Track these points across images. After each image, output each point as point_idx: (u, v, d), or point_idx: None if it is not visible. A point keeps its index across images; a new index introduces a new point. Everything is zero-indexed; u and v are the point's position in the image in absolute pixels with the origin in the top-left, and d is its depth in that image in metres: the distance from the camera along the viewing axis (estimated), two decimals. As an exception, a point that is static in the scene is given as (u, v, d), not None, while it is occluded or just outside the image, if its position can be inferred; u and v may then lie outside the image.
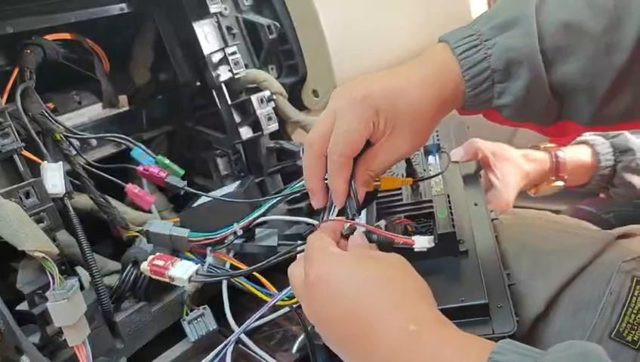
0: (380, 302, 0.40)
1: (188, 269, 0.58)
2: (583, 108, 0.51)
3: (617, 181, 0.88)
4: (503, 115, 0.52)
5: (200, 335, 0.66)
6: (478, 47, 0.50)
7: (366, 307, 0.40)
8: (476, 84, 0.50)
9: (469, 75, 0.50)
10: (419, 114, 0.49)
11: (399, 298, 0.41)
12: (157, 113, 0.91)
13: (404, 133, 0.50)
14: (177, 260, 0.59)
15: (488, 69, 0.50)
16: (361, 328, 0.40)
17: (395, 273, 0.43)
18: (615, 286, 0.56)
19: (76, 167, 0.66)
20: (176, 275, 0.57)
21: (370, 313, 0.40)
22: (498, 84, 0.50)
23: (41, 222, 0.57)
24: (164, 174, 0.68)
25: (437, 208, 0.60)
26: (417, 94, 0.49)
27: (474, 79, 0.50)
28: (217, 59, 0.83)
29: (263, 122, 0.84)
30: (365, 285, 0.41)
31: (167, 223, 0.66)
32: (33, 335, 0.54)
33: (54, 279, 0.52)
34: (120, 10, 0.79)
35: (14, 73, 0.67)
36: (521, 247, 0.62)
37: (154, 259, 0.59)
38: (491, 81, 0.50)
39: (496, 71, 0.50)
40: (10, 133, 0.58)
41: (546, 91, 0.50)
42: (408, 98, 0.49)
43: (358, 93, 0.49)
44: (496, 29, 0.50)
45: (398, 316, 0.39)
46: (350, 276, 0.42)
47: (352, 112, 0.49)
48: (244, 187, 0.74)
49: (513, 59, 0.49)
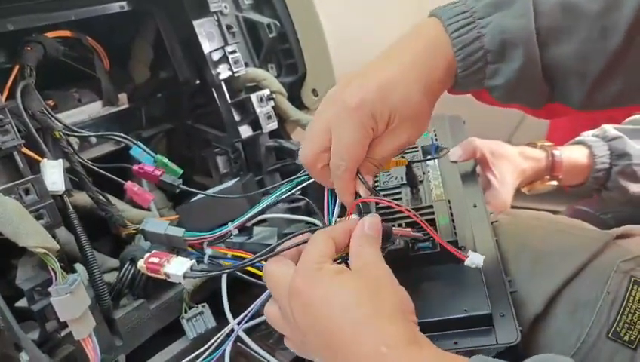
0: (353, 322, 0.40)
1: (183, 265, 0.58)
2: (574, 91, 0.49)
3: (611, 184, 0.88)
4: (492, 95, 0.51)
5: (199, 332, 0.66)
6: (472, 26, 0.48)
7: (339, 327, 0.41)
8: (468, 65, 0.49)
9: (461, 55, 0.48)
10: (415, 105, 0.49)
11: (373, 317, 0.41)
12: (157, 111, 0.91)
13: (404, 124, 0.49)
14: (173, 257, 0.59)
15: (481, 49, 0.48)
16: (336, 347, 0.41)
17: (373, 289, 0.42)
18: (613, 286, 0.56)
19: (75, 165, 0.66)
20: (171, 272, 0.57)
21: (342, 333, 0.40)
22: (491, 64, 0.49)
23: (41, 219, 0.57)
24: (159, 172, 0.68)
25: (438, 214, 0.59)
26: (410, 86, 0.48)
27: (466, 59, 0.48)
28: (217, 58, 0.83)
29: (263, 121, 0.84)
30: (340, 303, 0.42)
31: (163, 222, 0.66)
32: (32, 332, 0.54)
33: (56, 274, 0.52)
34: (120, 8, 0.79)
35: (15, 70, 0.67)
36: (520, 248, 0.63)
37: (150, 256, 0.59)
38: (484, 61, 0.48)
39: (489, 51, 0.48)
40: (10, 130, 0.58)
41: (538, 74, 0.48)
42: (402, 93, 0.48)
43: (352, 101, 0.48)
44: (491, 7, 0.48)
45: (370, 337, 0.40)
46: (327, 291, 0.42)
47: (349, 123, 0.48)
48: (241, 182, 0.74)
49: (508, 41, 0.47)
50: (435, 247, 0.55)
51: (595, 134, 0.91)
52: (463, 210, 0.62)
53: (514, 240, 0.63)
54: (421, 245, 0.56)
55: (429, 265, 0.55)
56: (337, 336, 0.41)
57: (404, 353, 0.39)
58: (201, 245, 0.64)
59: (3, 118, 0.58)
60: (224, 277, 0.66)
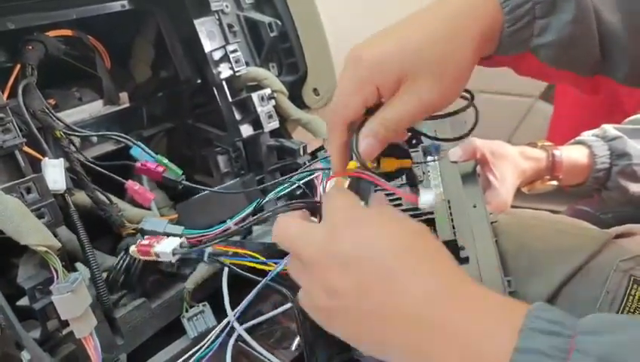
0: (409, 258, 0.38)
1: (172, 243, 0.59)
2: (622, 63, 0.46)
3: (611, 184, 0.88)
4: (540, 57, 0.47)
5: (199, 332, 0.66)
6: None
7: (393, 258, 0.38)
8: (516, 18, 0.45)
9: (509, 7, 0.44)
10: (450, 58, 0.44)
11: (427, 255, 0.39)
12: (157, 110, 0.91)
13: (428, 80, 0.44)
14: (163, 238, 0.59)
15: (530, 1, 0.44)
16: (384, 278, 0.37)
17: (419, 236, 0.40)
18: (612, 285, 0.56)
19: (74, 164, 0.66)
20: (160, 250, 0.58)
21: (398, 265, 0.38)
22: (540, 19, 0.45)
23: (42, 218, 0.57)
24: (162, 169, 0.68)
25: (437, 214, 0.60)
26: (445, 43, 0.44)
27: (514, 12, 0.44)
28: (218, 57, 0.83)
29: (264, 120, 0.84)
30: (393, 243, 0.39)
31: (163, 221, 0.66)
32: (33, 331, 0.54)
33: (58, 273, 0.52)
34: (121, 7, 0.79)
35: (16, 69, 0.67)
36: (519, 247, 0.63)
37: (141, 241, 0.60)
38: (532, 15, 0.45)
39: (538, 2, 0.44)
40: (11, 128, 0.58)
41: (592, 32, 0.45)
42: (434, 50, 0.43)
43: (355, 52, 0.46)
44: None
45: (425, 271, 0.37)
46: (378, 232, 0.40)
47: (347, 72, 0.46)
48: (241, 181, 0.74)
49: None
50: None
51: (595, 134, 0.91)
52: (462, 210, 0.62)
53: (513, 240, 0.63)
54: None
55: None
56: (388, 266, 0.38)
57: (462, 287, 0.38)
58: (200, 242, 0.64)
59: (4, 117, 0.58)
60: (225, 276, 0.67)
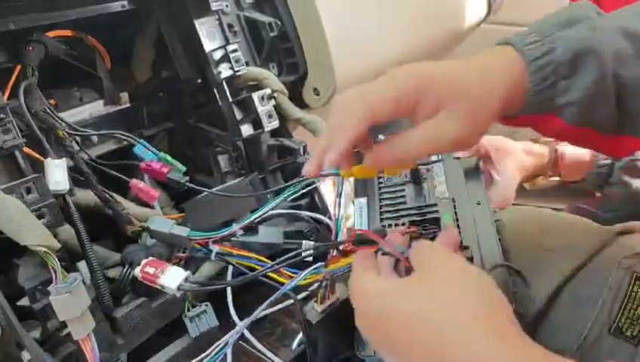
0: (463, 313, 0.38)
1: (177, 277, 0.57)
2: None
3: (613, 180, 0.88)
4: (564, 117, 0.48)
5: (201, 331, 0.66)
6: (543, 41, 0.47)
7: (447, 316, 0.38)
8: (541, 79, 0.46)
9: (534, 67, 0.46)
10: (477, 100, 0.45)
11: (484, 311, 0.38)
12: (158, 110, 0.91)
13: (455, 116, 0.44)
14: (167, 266, 0.59)
15: (554, 62, 0.46)
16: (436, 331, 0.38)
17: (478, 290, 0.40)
18: (614, 281, 0.56)
19: (79, 163, 0.66)
20: (165, 284, 0.57)
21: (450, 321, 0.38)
22: (563, 80, 0.47)
23: (42, 218, 0.57)
24: (166, 170, 0.68)
25: (442, 213, 0.59)
26: (479, 81, 0.45)
27: (539, 72, 0.46)
28: (218, 57, 0.83)
29: (264, 120, 0.84)
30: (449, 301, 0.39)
31: (169, 221, 0.66)
32: (34, 331, 0.54)
33: (57, 273, 0.52)
34: (121, 7, 0.79)
35: (16, 70, 0.67)
36: (522, 244, 0.63)
37: (146, 264, 0.59)
38: (555, 75, 0.47)
39: (562, 63, 0.46)
40: (11, 129, 0.58)
41: (611, 90, 0.46)
42: (470, 81, 0.45)
43: (410, 69, 0.45)
44: (559, 26, 0.47)
45: (479, 327, 0.37)
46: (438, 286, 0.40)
47: (390, 78, 0.45)
48: (247, 180, 0.74)
49: (581, 50, 0.46)
50: None
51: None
52: (466, 208, 0.62)
53: (515, 237, 0.63)
54: None
55: None
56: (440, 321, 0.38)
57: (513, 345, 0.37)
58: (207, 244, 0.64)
59: (4, 117, 0.58)
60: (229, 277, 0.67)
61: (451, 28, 1.26)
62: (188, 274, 0.58)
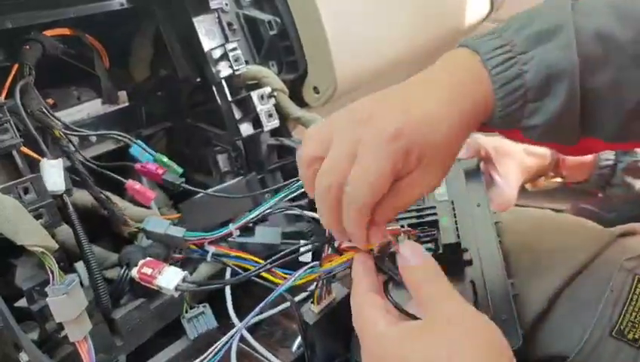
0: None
1: (174, 278, 0.57)
2: (609, 122, 0.46)
3: (616, 181, 0.88)
4: (527, 135, 0.47)
5: (200, 333, 0.65)
6: (513, 61, 0.44)
7: None
8: (508, 103, 0.45)
9: (502, 93, 0.44)
10: (451, 144, 0.44)
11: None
12: (157, 109, 0.90)
13: (435, 166, 0.44)
14: (165, 267, 0.58)
15: (522, 87, 0.44)
16: None
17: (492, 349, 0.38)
18: (616, 284, 0.55)
19: (75, 164, 0.65)
20: (162, 285, 0.57)
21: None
22: (531, 103, 0.45)
23: (40, 218, 0.57)
24: (162, 171, 0.68)
25: (441, 215, 0.59)
26: (451, 122, 0.43)
27: (506, 98, 0.45)
28: (218, 56, 0.83)
29: (264, 119, 0.84)
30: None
31: (165, 221, 0.66)
32: (32, 332, 0.54)
33: (54, 274, 0.52)
34: (120, 5, 0.79)
35: (14, 69, 0.67)
36: (522, 246, 0.62)
37: (143, 265, 0.58)
38: (524, 99, 0.45)
39: (530, 89, 0.44)
40: (9, 128, 0.58)
41: (577, 109, 0.45)
42: (442, 128, 0.43)
43: (389, 128, 0.41)
44: (533, 40, 0.45)
45: None
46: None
47: (380, 153, 0.41)
48: (244, 180, 0.74)
49: (553, 76, 0.44)
50: (437, 249, 0.55)
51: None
52: (466, 210, 0.61)
53: (516, 239, 0.63)
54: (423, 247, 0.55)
55: None
56: None
57: None
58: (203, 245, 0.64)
59: (2, 117, 0.58)
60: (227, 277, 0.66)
61: (452, 26, 1.25)
62: (185, 275, 0.58)
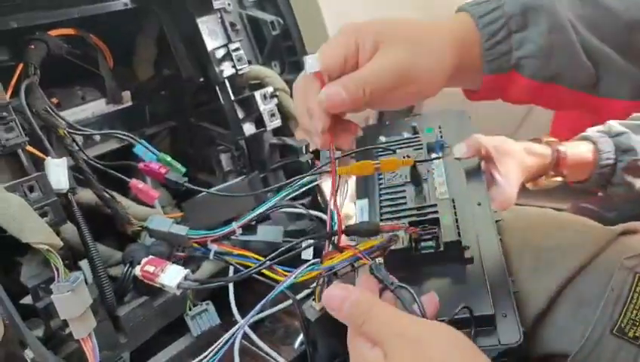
0: None
1: (177, 276, 0.57)
2: (621, 78, 0.47)
3: (616, 180, 0.88)
4: (524, 72, 0.48)
5: (203, 330, 0.66)
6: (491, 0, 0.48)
7: None
8: (492, 32, 0.47)
9: (483, 23, 0.48)
10: (417, 39, 0.47)
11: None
12: (160, 109, 0.91)
13: (401, 47, 0.46)
14: (167, 265, 0.58)
15: (502, 17, 0.47)
16: None
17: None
18: (617, 282, 0.56)
19: (79, 163, 0.66)
20: (165, 283, 0.57)
21: None
22: (516, 33, 0.47)
23: (45, 216, 0.57)
24: (165, 170, 0.68)
25: (442, 213, 0.59)
26: (422, 28, 0.48)
27: (488, 27, 0.47)
28: (221, 55, 0.83)
29: (266, 118, 0.84)
30: None
31: (168, 220, 0.66)
32: (37, 329, 0.54)
33: (59, 271, 0.52)
34: (124, 5, 0.79)
35: (18, 68, 0.67)
36: (524, 244, 0.62)
37: (145, 263, 0.59)
38: (507, 29, 0.47)
39: (511, 17, 0.47)
40: (14, 127, 0.58)
41: (572, 42, 0.46)
42: (408, 27, 0.48)
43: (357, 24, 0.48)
44: None
45: None
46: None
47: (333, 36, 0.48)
48: (247, 179, 0.74)
49: (530, 5, 0.46)
50: (439, 247, 0.55)
51: (600, 130, 0.90)
52: (467, 208, 0.61)
53: (517, 237, 0.63)
54: (424, 244, 0.56)
55: (432, 264, 0.55)
56: None
57: None
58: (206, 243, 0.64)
59: (7, 116, 0.58)
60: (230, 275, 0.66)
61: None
62: (187, 272, 0.58)
